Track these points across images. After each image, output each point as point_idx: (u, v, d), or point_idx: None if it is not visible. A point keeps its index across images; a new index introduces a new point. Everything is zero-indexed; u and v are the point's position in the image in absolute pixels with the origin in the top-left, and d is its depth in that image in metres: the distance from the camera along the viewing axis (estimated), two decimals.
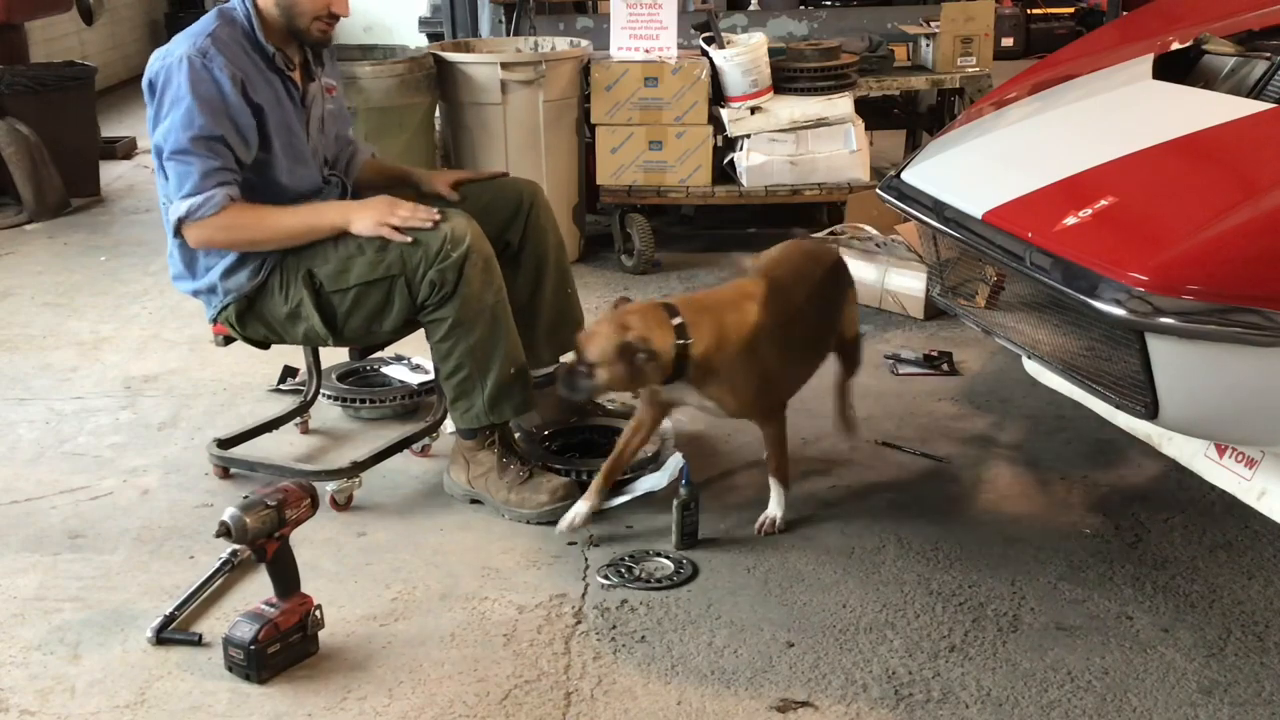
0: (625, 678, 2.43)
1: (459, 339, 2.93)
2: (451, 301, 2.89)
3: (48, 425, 3.65)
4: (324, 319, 2.97)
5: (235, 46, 2.87)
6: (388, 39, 7.28)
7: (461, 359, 2.94)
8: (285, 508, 2.47)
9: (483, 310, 2.91)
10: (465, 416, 3.01)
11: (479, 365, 2.95)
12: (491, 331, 2.94)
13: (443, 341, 2.94)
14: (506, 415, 3.03)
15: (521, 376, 3.02)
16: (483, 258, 2.90)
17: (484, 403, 2.98)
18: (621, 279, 4.97)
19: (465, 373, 2.96)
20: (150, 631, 2.54)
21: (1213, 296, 2.14)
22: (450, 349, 2.94)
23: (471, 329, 2.92)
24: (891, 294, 4.45)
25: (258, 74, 2.90)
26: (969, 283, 2.94)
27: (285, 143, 2.95)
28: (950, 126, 3.32)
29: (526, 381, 3.04)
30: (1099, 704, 2.33)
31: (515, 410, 3.04)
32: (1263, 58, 2.83)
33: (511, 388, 2.99)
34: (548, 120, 4.95)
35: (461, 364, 2.95)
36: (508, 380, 2.98)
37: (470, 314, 2.90)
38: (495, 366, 2.96)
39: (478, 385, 2.97)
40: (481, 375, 2.96)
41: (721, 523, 3.00)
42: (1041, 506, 3.08)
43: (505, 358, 2.97)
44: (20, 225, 5.96)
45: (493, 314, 2.93)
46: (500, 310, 2.96)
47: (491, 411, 2.99)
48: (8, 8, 6.39)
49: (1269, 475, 2.47)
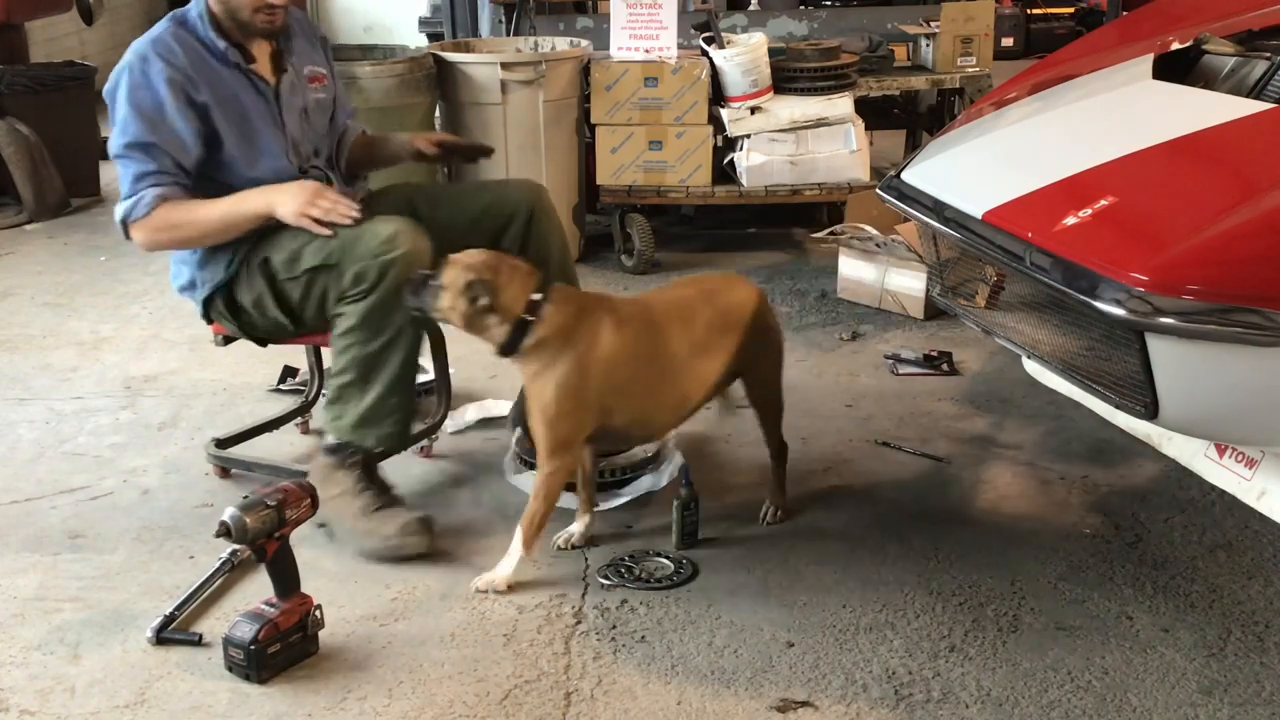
0: (625, 678, 2.43)
1: (355, 341, 2.83)
2: (364, 302, 2.79)
3: (48, 425, 3.65)
4: (282, 308, 2.95)
5: (182, 48, 2.88)
6: (388, 39, 7.29)
7: (350, 363, 2.85)
8: (285, 508, 2.47)
9: (388, 325, 2.81)
10: (333, 425, 2.91)
11: (362, 376, 2.84)
12: (388, 350, 2.83)
13: (341, 337, 2.85)
14: (369, 442, 2.89)
15: (398, 413, 2.89)
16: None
17: (354, 418, 2.87)
18: (621, 279, 4.98)
19: (348, 378, 2.86)
20: (150, 632, 2.54)
21: (1213, 296, 2.14)
22: (345, 348, 2.85)
23: (370, 338, 2.82)
24: (891, 294, 4.45)
25: (208, 72, 2.90)
26: (969, 283, 2.94)
27: (241, 137, 2.93)
28: (950, 126, 3.31)
29: (403, 421, 2.92)
30: (1099, 704, 2.33)
31: (380, 441, 2.89)
32: (1263, 58, 2.83)
33: (384, 418, 2.87)
34: (548, 120, 4.95)
35: (348, 368, 2.86)
36: (384, 407, 2.86)
37: (375, 323, 2.80)
38: (377, 386, 2.85)
39: (355, 397, 2.86)
40: (361, 388, 2.86)
41: (721, 523, 2.99)
42: (1041, 506, 3.08)
43: (391, 383, 2.85)
44: (20, 225, 5.96)
45: (397, 334, 2.82)
46: (407, 337, 2.84)
47: (356, 429, 2.87)
48: (8, 8, 6.39)
49: (1269, 475, 2.47)
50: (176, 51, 2.87)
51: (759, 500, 3.03)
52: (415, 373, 2.94)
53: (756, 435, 3.04)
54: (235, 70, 2.94)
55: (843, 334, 4.26)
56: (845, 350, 4.14)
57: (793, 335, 4.27)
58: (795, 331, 4.31)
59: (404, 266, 2.75)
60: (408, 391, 2.92)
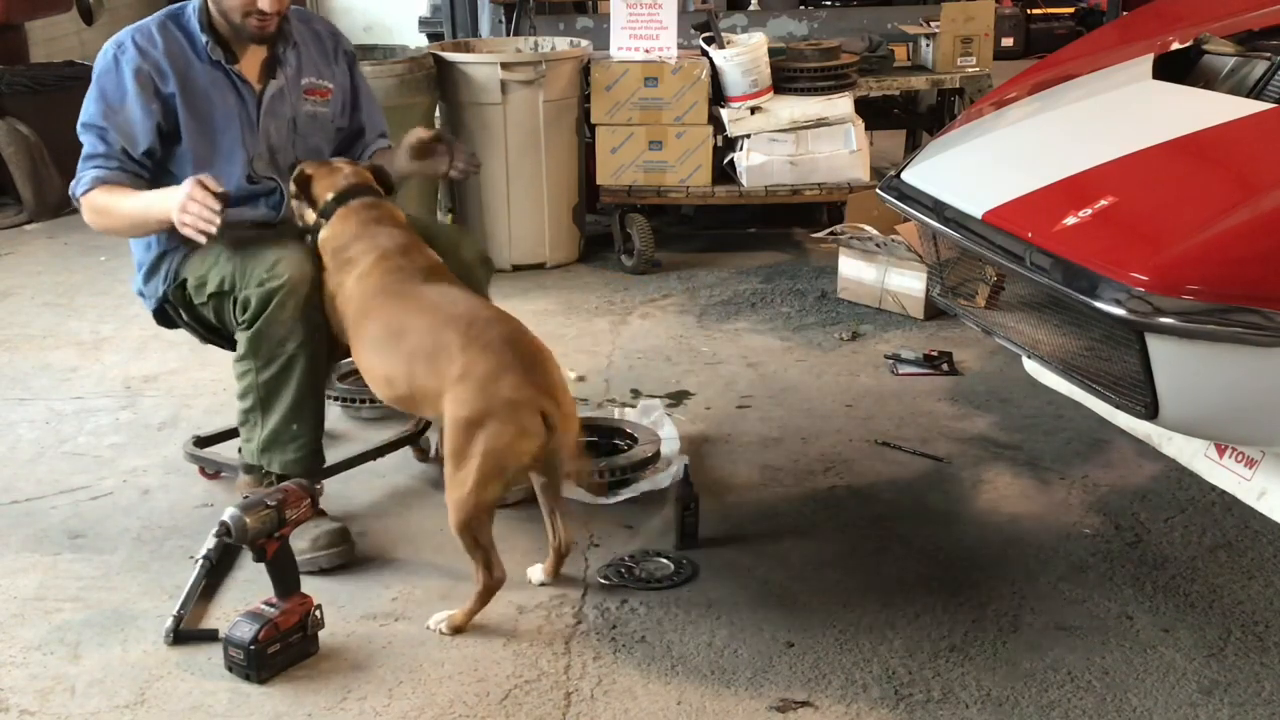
0: (625, 678, 2.43)
1: (249, 369, 2.82)
2: (252, 329, 2.77)
3: (48, 425, 3.65)
4: (206, 327, 3.00)
5: (164, 38, 2.90)
6: (388, 39, 7.27)
7: (246, 389, 2.84)
8: (285, 508, 2.47)
9: (279, 354, 2.77)
10: (244, 447, 2.92)
11: (261, 402, 2.83)
12: (284, 376, 2.79)
13: (237, 364, 2.84)
14: (274, 467, 2.86)
15: (301, 438, 2.85)
16: (297, 301, 2.74)
17: (259, 443, 2.86)
18: (621, 279, 4.98)
19: (249, 404, 2.85)
20: (167, 634, 2.54)
21: (1213, 296, 2.14)
22: (241, 374, 2.84)
23: (263, 366, 2.80)
24: (891, 294, 4.45)
25: (182, 64, 2.90)
26: (969, 283, 2.93)
27: (200, 135, 2.92)
28: (950, 126, 3.31)
29: (307, 447, 2.87)
30: (1099, 704, 2.33)
31: (284, 468, 2.84)
32: (1263, 58, 2.83)
33: (286, 444, 2.84)
34: (548, 120, 4.96)
35: (246, 394, 2.85)
36: (285, 434, 2.84)
37: (265, 351, 2.78)
38: (277, 413, 2.83)
39: (257, 422, 2.86)
40: (263, 414, 2.84)
41: (721, 523, 2.99)
42: (1041, 506, 3.08)
43: (290, 411, 2.81)
44: (20, 225, 5.96)
45: (289, 361, 2.78)
46: (301, 363, 2.78)
47: (261, 454, 2.86)
48: (8, 8, 6.39)
49: (1269, 475, 2.47)
50: (156, 42, 2.90)
51: (759, 500, 3.03)
52: (318, 398, 2.90)
53: (757, 435, 3.04)
54: (214, 68, 2.94)
55: (843, 334, 4.26)
56: (845, 350, 4.14)
57: (793, 335, 4.28)
58: (795, 331, 4.31)
59: (287, 294, 2.73)
60: (310, 418, 2.87)
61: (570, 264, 5.20)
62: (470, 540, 2.51)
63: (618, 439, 3.28)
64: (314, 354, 2.81)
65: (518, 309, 4.53)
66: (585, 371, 3.98)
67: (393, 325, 2.67)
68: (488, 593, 2.56)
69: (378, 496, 3.17)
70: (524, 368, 2.49)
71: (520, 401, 2.44)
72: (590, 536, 2.95)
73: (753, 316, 4.48)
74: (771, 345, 4.19)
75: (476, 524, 2.49)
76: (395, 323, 2.67)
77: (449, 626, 2.56)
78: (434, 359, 2.55)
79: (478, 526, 2.50)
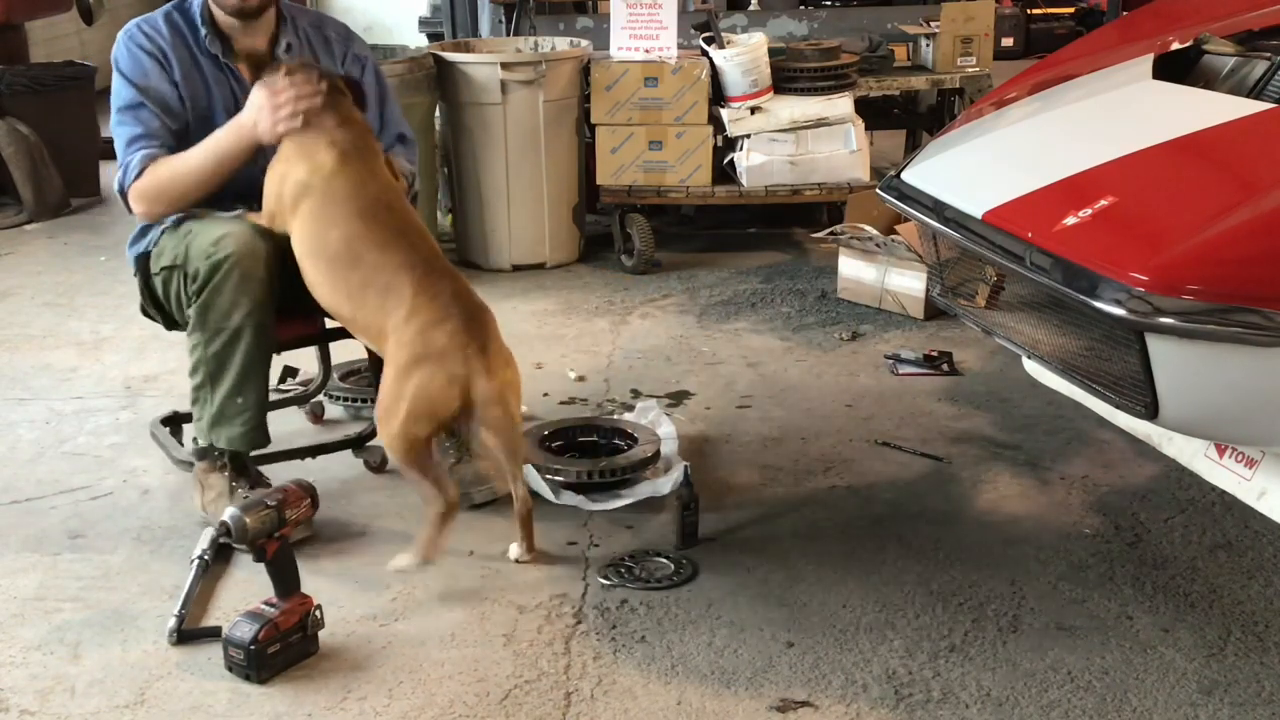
0: (625, 678, 2.43)
1: (198, 342, 2.84)
2: (197, 300, 2.80)
3: (48, 425, 3.65)
4: (153, 302, 3.02)
5: (169, 28, 2.93)
6: (388, 39, 7.27)
7: (199, 362, 2.86)
8: (285, 507, 2.47)
9: (224, 327, 2.79)
10: (196, 428, 2.94)
11: (210, 376, 2.85)
12: (230, 350, 2.81)
13: (188, 338, 2.87)
14: (221, 443, 2.90)
15: (246, 412, 2.88)
16: (242, 273, 2.76)
17: (207, 420, 2.89)
18: (621, 279, 4.98)
19: (198, 379, 2.88)
20: (170, 634, 2.54)
21: (1213, 296, 2.14)
22: (191, 348, 2.86)
23: (210, 339, 2.82)
24: (891, 294, 4.45)
25: (185, 55, 2.93)
26: (969, 283, 2.93)
27: (199, 129, 2.91)
28: (950, 126, 3.31)
29: (252, 421, 2.89)
30: (1099, 704, 2.33)
31: (230, 442, 2.90)
32: (1263, 58, 2.83)
33: (233, 418, 2.87)
34: (548, 120, 4.96)
35: (195, 369, 2.87)
36: (230, 408, 2.86)
37: (210, 322, 2.80)
38: (224, 386, 2.84)
39: (206, 398, 2.88)
40: (212, 388, 2.86)
41: (721, 523, 3.00)
42: (1041, 506, 3.08)
43: (236, 383, 2.84)
44: (20, 225, 5.95)
45: (235, 334, 2.80)
46: (248, 336, 2.80)
47: (211, 430, 2.89)
48: (8, 8, 6.38)
49: (1269, 475, 2.47)
50: (161, 31, 2.93)
51: (759, 500, 3.03)
52: (262, 373, 2.91)
53: (757, 435, 3.04)
54: (212, 61, 2.95)
55: (843, 334, 4.26)
56: (845, 350, 4.14)
57: (793, 335, 4.28)
58: (795, 331, 4.31)
59: (232, 265, 2.75)
60: (254, 391, 2.89)
61: (570, 264, 5.20)
62: (416, 470, 2.66)
63: (618, 439, 3.28)
64: (259, 325, 2.83)
65: (518, 309, 4.58)
66: (585, 371, 3.98)
67: (354, 247, 2.71)
68: (443, 518, 2.68)
69: (378, 497, 3.17)
70: (463, 319, 2.65)
71: (452, 349, 2.61)
72: (590, 536, 2.95)
73: (753, 316, 4.48)
74: (771, 345, 4.19)
75: (414, 454, 2.64)
76: (356, 245, 2.71)
77: (417, 557, 2.67)
78: (385, 295, 2.68)
79: (416, 456, 2.65)
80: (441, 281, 2.71)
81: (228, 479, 2.97)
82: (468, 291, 2.75)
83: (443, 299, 2.66)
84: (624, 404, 3.68)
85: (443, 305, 2.65)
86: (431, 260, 2.75)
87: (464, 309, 2.68)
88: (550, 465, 3.13)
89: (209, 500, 2.98)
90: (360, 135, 2.86)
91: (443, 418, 2.65)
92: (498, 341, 2.71)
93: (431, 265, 2.73)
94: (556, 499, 3.07)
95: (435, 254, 2.79)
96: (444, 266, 2.78)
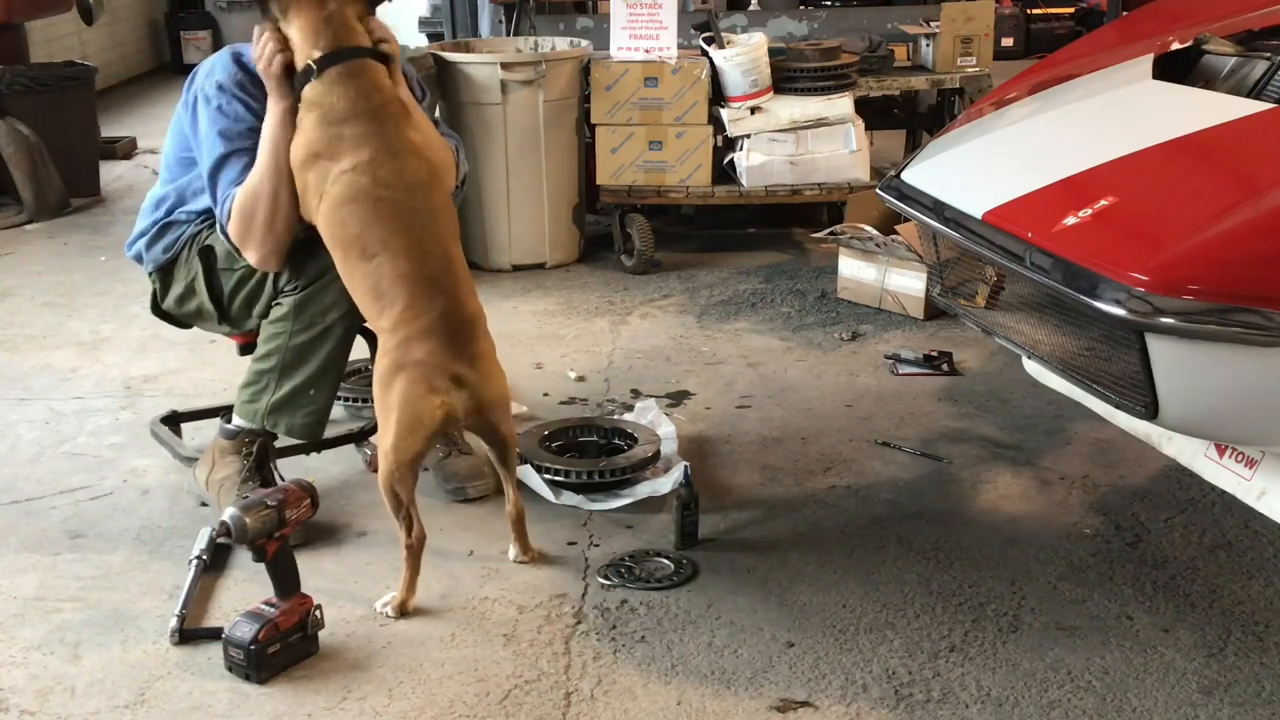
0: (625, 678, 2.43)
1: (283, 330, 2.87)
2: (298, 294, 2.84)
3: (48, 425, 3.66)
4: (211, 296, 3.00)
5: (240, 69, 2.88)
6: None
7: (276, 349, 2.89)
8: (285, 508, 2.47)
9: (319, 321, 2.85)
10: (244, 407, 2.96)
11: (287, 364, 2.88)
12: (316, 345, 2.87)
13: (271, 325, 2.89)
14: (279, 429, 2.95)
15: (313, 405, 2.93)
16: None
17: (270, 402, 2.91)
18: (621, 279, 4.98)
19: (270, 364, 2.90)
20: (172, 635, 2.54)
21: (1213, 296, 2.14)
22: (273, 335, 2.89)
23: (300, 330, 2.86)
24: (891, 294, 4.45)
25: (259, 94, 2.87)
26: (969, 283, 2.93)
27: None
28: (950, 126, 3.31)
29: (316, 415, 2.95)
30: (1099, 704, 2.33)
31: (289, 431, 2.95)
32: (1263, 58, 2.83)
33: (299, 409, 2.91)
34: (548, 120, 4.96)
35: (271, 354, 2.90)
36: (301, 398, 2.90)
37: (308, 315, 2.85)
38: (298, 376, 2.89)
39: (274, 382, 2.91)
40: (284, 375, 2.89)
41: (721, 523, 3.00)
42: (1041, 506, 3.08)
43: (314, 376, 2.89)
44: (20, 225, 5.96)
45: (326, 331, 2.86)
46: (338, 334, 2.88)
47: (269, 415, 2.92)
48: (8, 8, 6.39)
49: (1269, 475, 2.47)
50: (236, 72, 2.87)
51: (759, 500, 3.03)
52: (338, 375, 2.97)
53: (757, 435, 3.04)
54: None
55: (843, 334, 4.26)
56: (845, 350, 4.14)
57: (793, 335, 4.28)
58: (795, 331, 4.31)
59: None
60: (327, 390, 2.94)
61: (570, 264, 5.20)
62: (393, 498, 2.63)
63: (617, 439, 3.28)
64: (349, 329, 2.91)
65: (518, 309, 4.59)
66: (585, 371, 3.98)
67: (370, 241, 2.68)
68: (413, 554, 2.66)
69: (378, 498, 3.16)
70: (447, 336, 2.64)
71: (431, 364, 2.61)
72: (590, 536, 2.95)
73: (753, 316, 4.48)
74: (771, 345, 4.19)
75: (398, 478, 2.61)
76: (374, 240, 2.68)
77: (394, 609, 2.64)
78: (380, 296, 2.69)
79: (399, 480, 2.61)
80: (435, 300, 2.66)
81: (243, 467, 2.99)
82: (458, 309, 2.69)
83: (429, 317, 2.63)
84: (624, 404, 3.68)
85: (427, 324, 2.63)
86: (435, 277, 2.69)
87: (449, 325, 2.66)
88: (550, 465, 3.13)
89: (215, 478, 3.01)
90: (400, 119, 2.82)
91: (431, 429, 2.62)
92: (486, 359, 2.70)
93: (432, 282, 2.68)
94: (556, 499, 3.07)
95: (442, 269, 2.72)
96: (444, 284, 2.69)
